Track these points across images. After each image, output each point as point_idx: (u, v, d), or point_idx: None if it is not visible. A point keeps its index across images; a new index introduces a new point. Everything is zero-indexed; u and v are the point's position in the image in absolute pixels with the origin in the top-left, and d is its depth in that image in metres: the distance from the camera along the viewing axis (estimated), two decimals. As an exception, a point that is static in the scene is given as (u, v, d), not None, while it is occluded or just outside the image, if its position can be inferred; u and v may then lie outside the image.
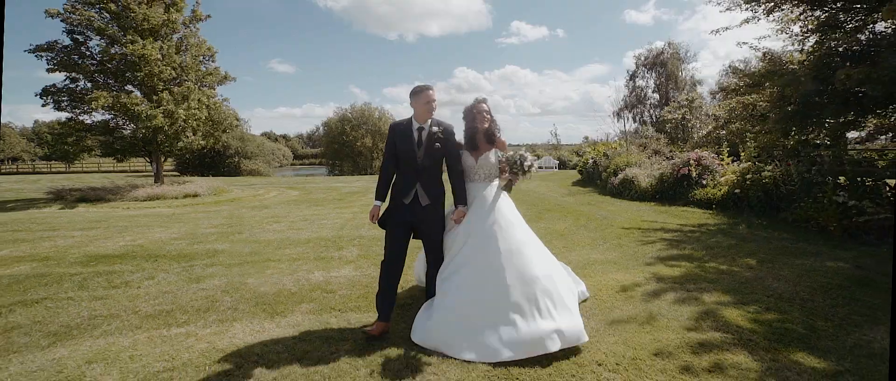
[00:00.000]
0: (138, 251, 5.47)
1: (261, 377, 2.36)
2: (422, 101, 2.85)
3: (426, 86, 2.89)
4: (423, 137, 2.89)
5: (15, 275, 4.39)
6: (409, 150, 2.87)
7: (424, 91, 2.86)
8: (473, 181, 3.05)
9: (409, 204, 2.88)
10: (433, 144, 2.89)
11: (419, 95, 2.86)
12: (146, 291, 3.89)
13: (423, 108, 2.87)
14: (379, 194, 2.96)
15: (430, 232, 2.96)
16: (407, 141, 2.88)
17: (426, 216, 2.91)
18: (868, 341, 2.69)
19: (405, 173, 2.92)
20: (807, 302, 3.38)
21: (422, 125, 2.90)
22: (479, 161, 3.01)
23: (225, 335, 2.93)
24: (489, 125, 3.04)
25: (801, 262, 4.50)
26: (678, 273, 4.22)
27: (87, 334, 2.97)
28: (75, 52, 12.16)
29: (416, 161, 2.88)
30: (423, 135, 2.89)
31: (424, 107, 2.86)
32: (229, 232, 6.84)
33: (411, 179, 2.89)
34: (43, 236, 6.61)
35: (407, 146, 2.87)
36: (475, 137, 3.03)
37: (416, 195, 2.89)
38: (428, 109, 2.87)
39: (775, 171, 7.38)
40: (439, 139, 2.90)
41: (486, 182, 3.04)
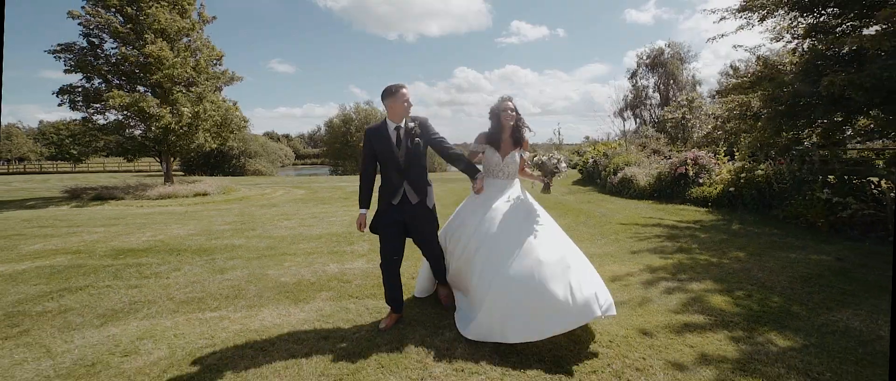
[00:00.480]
0: (161, 246, 5.79)
1: (293, 351, 2.67)
2: (399, 100, 2.82)
3: (401, 85, 2.85)
4: (400, 135, 2.87)
5: (54, 266, 4.72)
6: (388, 151, 2.86)
7: (400, 91, 2.82)
8: (498, 178, 3.08)
9: (398, 204, 2.89)
10: (412, 140, 2.88)
11: (396, 94, 2.82)
12: (175, 281, 4.20)
13: (401, 107, 2.83)
14: (363, 202, 2.96)
15: (423, 229, 2.98)
16: (385, 142, 2.86)
17: (416, 213, 2.93)
18: (835, 321, 2.98)
19: (389, 175, 2.91)
20: (786, 290, 3.67)
21: (397, 124, 2.88)
22: (506, 160, 3.04)
23: (255, 318, 3.24)
24: (516, 124, 3.06)
25: (787, 255, 4.79)
26: (670, 265, 4.51)
27: (132, 316, 3.29)
28: (91, 53, 12.51)
29: (399, 160, 2.87)
30: (400, 133, 2.87)
31: (402, 106, 2.83)
32: (243, 229, 7.15)
33: (397, 179, 2.89)
34: (69, 231, 6.95)
35: (386, 147, 2.86)
36: (501, 135, 3.05)
37: (405, 194, 2.90)
38: (405, 108, 2.85)
39: (768, 170, 7.66)
40: (416, 134, 2.89)
41: (510, 180, 3.10)
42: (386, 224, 2.93)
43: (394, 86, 2.85)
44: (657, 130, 25.15)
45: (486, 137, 3.09)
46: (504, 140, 3.05)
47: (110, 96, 11.41)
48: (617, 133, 23.93)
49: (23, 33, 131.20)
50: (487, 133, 3.10)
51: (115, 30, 12.39)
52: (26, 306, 3.50)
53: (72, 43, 12.34)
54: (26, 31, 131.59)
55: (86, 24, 12.22)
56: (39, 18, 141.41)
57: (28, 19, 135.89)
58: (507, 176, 3.08)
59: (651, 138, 21.50)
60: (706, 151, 10.81)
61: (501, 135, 3.04)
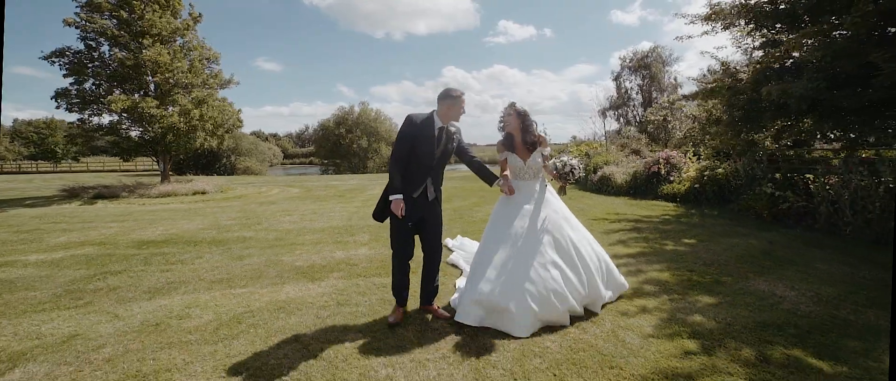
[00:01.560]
0: (177, 238, 6.33)
1: (318, 314, 3.30)
2: (458, 105, 3.00)
3: (462, 92, 3.04)
4: (442, 136, 3.02)
5: (86, 255, 5.25)
6: (428, 146, 2.97)
7: (462, 97, 3.02)
8: (524, 179, 3.30)
9: (417, 198, 3.00)
10: (450, 143, 3.07)
11: (457, 99, 2.99)
12: (201, 266, 4.78)
13: (458, 112, 3.03)
14: (398, 188, 2.94)
15: (433, 225, 3.12)
16: (428, 136, 2.97)
17: (431, 210, 3.08)
18: (748, 286, 3.75)
19: (417, 168, 3.00)
20: (722, 266, 4.44)
21: (443, 125, 3.03)
22: (528, 162, 3.26)
23: (280, 292, 3.86)
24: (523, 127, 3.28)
25: (731, 240, 5.59)
26: (632, 251, 5.25)
27: (173, 292, 3.87)
28: (87, 57, 12.79)
29: (433, 158, 3.00)
30: (442, 133, 3.03)
31: (459, 111, 3.03)
32: (249, 223, 7.70)
33: (423, 174, 3.00)
34: (84, 226, 7.40)
35: (426, 143, 2.96)
36: (513, 140, 3.31)
37: (425, 189, 3.03)
38: (459, 114, 3.05)
39: (727, 168, 8.53)
40: (455, 138, 3.12)
41: (535, 179, 3.32)
42: (402, 222, 3.00)
43: (457, 90, 3.01)
44: (639, 130, 26.28)
45: (503, 145, 3.36)
46: (518, 145, 3.30)
47: (111, 101, 11.75)
48: (602, 133, 24.93)
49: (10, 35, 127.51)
50: (503, 141, 3.37)
51: (111, 34, 12.71)
52: (79, 285, 4.05)
53: (65, 47, 12.59)
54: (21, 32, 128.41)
55: (83, 29, 12.50)
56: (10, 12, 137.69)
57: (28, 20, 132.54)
58: (532, 176, 3.31)
59: (632, 139, 22.51)
60: (679, 151, 11.71)
61: (513, 140, 3.30)
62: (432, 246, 3.17)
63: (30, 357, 2.61)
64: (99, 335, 2.95)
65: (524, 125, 3.27)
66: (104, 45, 12.97)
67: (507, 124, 3.30)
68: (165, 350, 2.70)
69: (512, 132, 3.29)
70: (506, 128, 3.32)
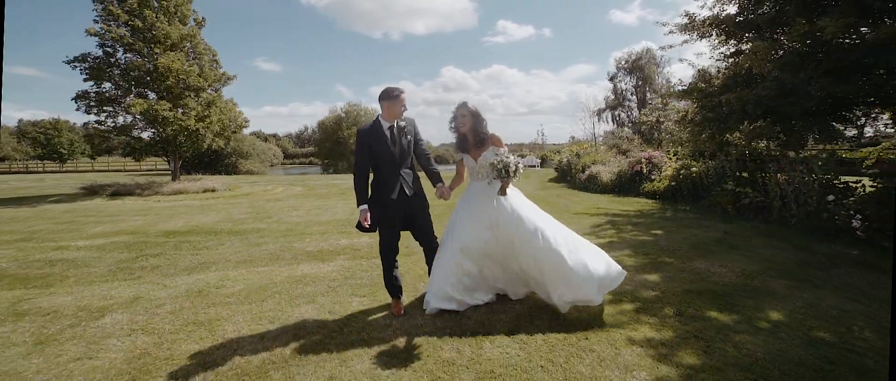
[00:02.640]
0: (198, 229, 7.05)
1: (330, 284, 4.02)
2: (398, 104, 3.05)
3: (401, 90, 3.07)
4: (394, 133, 3.08)
5: (123, 241, 5.98)
6: (384, 148, 3.03)
7: (401, 95, 3.06)
8: (479, 180, 3.25)
9: (397, 198, 3.06)
10: (405, 137, 3.12)
11: (396, 98, 3.04)
12: (225, 251, 5.50)
13: (399, 110, 3.06)
14: (362, 199, 3.05)
15: (420, 220, 3.20)
16: (381, 140, 3.04)
17: (415, 204, 3.15)
18: (692, 266, 4.45)
19: (385, 172, 3.07)
20: (676, 252, 5.14)
21: (391, 123, 3.09)
22: (479, 161, 3.20)
23: (296, 270, 4.57)
24: (473, 127, 3.19)
25: (693, 231, 6.31)
26: (604, 241, 5.95)
27: (206, 270, 4.59)
28: (105, 63, 13.54)
29: (394, 156, 3.06)
30: (394, 131, 3.08)
31: (400, 109, 3.07)
32: (260, 217, 8.43)
33: (393, 175, 3.07)
34: (112, 219, 8.14)
35: (381, 145, 3.03)
36: (466, 141, 3.23)
37: (402, 188, 3.09)
38: (401, 110, 3.09)
39: (700, 167, 9.25)
40: (408, 131, 3.15)
41: (489, 179, 3.20)
42: (387, 221, 3.08)
43: (395, 89, 3.05)
44: (634, 131, 27.02)
45: (458, 147, 3.33)
46: (470, 145, 3.23)
47: (131, 104, 12.49)
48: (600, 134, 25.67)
49: None
50: (457, 142, 3.33)
51: (126, 42, 13.46)
52: (126, 264, 4.78)
53: (87, 53, 13.36)
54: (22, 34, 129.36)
55: (101, 37, 13.25)
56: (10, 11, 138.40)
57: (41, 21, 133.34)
58: (485, 176, 3.23)
59: (624, 139, 23.23)
60: (661, 151, 12.42)
61: (466, 141, 3.24)
62: (427, 239, 3.26)
63: (110, 310, 3.34)
64: (156, 297, 3.67)
65: (476, 124, 3.18)
66: (120, 52, 13.71)
67: (461, 125, 3.21)
68: (211, 308, 3.42)
69: (465, 133, 3.21)
70: (460, 129, 3.24)
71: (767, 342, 2.68)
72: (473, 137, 3.21)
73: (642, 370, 2.39)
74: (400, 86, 3.09)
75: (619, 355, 2.58)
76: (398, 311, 3.23)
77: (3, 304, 3.54)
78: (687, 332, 2.87)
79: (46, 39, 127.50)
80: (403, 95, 3.09)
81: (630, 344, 2.71)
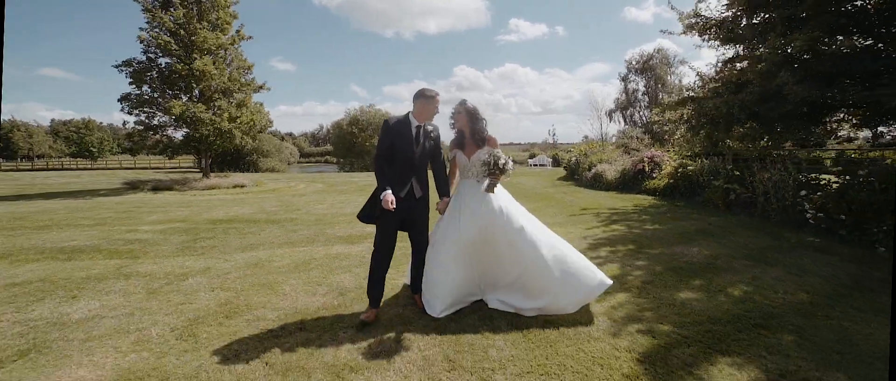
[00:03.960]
0: (239, 219, 7.99)
1: (360, 261, 4.83)
2: (431, 105, 3.09)
3: (436, 92, 3.12)
4: (420, 134, 3.11)
5: (179, 227, 6.94)
6: (407, 145, 3.05)
7: (435, 98, 3.11)
8: (469, 178, 3.27)
9: (404, 197, 3.07)
10: (428, 142, 3.15)
11: (431, 99, 3.08)
12: (266, 236, 6.38)
13: (432, 111, 3.10)
14: (386, 183, 3.01)
15: (420, 223, 3.19)
16: (405, 137, 3.05)
17: (418, 207, 3.16)
18: (672, 251, 5.13)
19: (401, 168, 3.07)
20: (662, 241, 5.82)
21: (420, 124, 3.12)
22: (472, 160, 3.23)
23: (331, 249, 5.42)
24: (472, 125, 3.23)
25: (681, 224, 6.96)
26: (600, 233, 6.65)
27: (255, 249, 5.48)
28: (147, 67, 14.74)
29: (414, 157, 3.07)
30: (421, 132, 3.11)
31: (433, 111, 3.11)
32: (289, 209, 9.35)
33: (407, 174, 3.08)
34: (162, 210, 9.16)
35: (405, 142, 3.05)
36: (463, 138, 3.27)
37: (412, 188, 3.10)
38: (433, 112, 3.13)
39: (696, 166, 9.84)
40: (433, 136, 3.18)
41: (479, 177, 3.24)
42: (388, 219, 3.08)
43: (430, 90, 3.12)
44: (644, 131, 27.37)
45: (454, 143, 3.35)
46: (467, 142, 3.27)
47: (171, 106, 13.63)
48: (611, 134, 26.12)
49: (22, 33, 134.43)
50: (453, 139, 3.36)
51: (169, 48, 14.62)
52: (188, 244, 5.71)
53: (132, 59, 14.57)
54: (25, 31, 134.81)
55: (146, 43, 14.44)
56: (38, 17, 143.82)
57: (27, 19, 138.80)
58: (476, 175, 3.25)
59: (634, 139, 23.66)
60: (663, 150, 12.98)
61: (463, 138, 3.28)
62: (420, 243, 3.25)
63: (191, 275, 4.24)
64: (222, 267, 4.56)
65: (472, 123, 3.24)
66: (162, 57, 14.89)
67: (457, 122, 3.29)
68: (269, 275, 4.28)
69: (462, 130, 3.28)
70: (456, 125, 3.31)
71: (710, 302, 3.40)
72: (471, 135, 3.24)
73: (606, 321, 3.14)
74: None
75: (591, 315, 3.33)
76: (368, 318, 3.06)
77: (111, 269, 4.47)
78: (656, 300, 3.60)
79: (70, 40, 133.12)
80: (438, 98, 3.13)
81: (598, 306, 3.45)
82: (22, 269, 4.52)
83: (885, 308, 3.13)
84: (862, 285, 3.64)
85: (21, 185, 18.93)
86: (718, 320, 3.04)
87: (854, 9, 6.16)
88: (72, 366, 2.50)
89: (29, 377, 2.39)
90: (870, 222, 4.82)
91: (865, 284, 3.68)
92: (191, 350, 2.68)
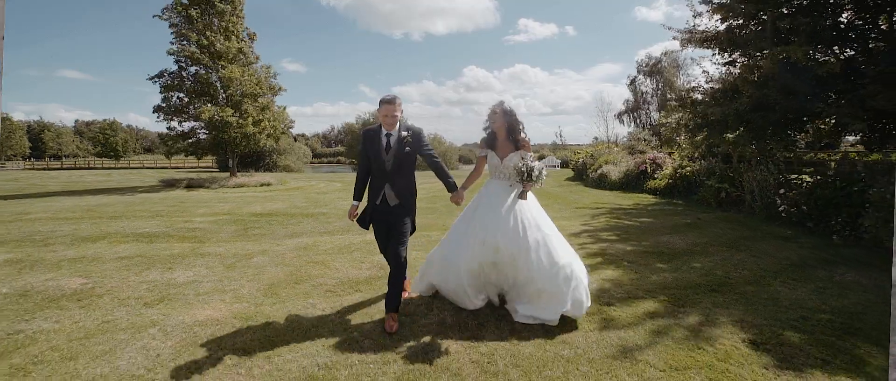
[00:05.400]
0: (276, 213, 8.96)
1: (391, 245, 5.73)
2: (381, 113, 3.07)
3: (390, 99, 3.05)
4: (390, 142, 3.09)
5: (227, 219, 7.93)
6: (377, 154, 3.09)
7: (392, 103, 3.05)
8: (497, 179, 3.23)
9: (379, 204, 3.15)
10: (403, 149, 3.09)
11: (387, 105, 3.05)
12: (305, 226, 7.31)
13: (391, 116, 3.05)
14: (356, 195, 3.23)
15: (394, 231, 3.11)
16: (376, 146, 3.10)
17: (394, 214, 3.13)
18: (659, 241, 5.92)
19: (376, 177, 3.15)
20: (651, 232, 6.60)
21: (389, 132, 3.09)
22: (505, 162, 3.18)
23: (366, 237, 6.28)
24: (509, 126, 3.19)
25: (673, 218, 7.72)
26: (599, 225, 7.46)
27: (300, 237, 6.40)
28: (177, 77, 15.95)
29: (385, 165, 3.09)
30: (390, 140, 3.09)
31: (385, 119, 3.06)
32: (318, 205, 10.30)
33: (381, 182, 3.13)
34: (206, 204, 10.20)
35: (376, 151, 3.09)
36: (495, 139, 3.24)
37: (385, 196, 3.13)
38: (389, 122, 3.06)
39: (693, 167, 10.55)
40: (409, 143, 3.11)
41: (510, 181, 3.18)
42: (374, 222, 3.23)
43: (387, 97, 3.07)
44: (652, 133, 27.92)
45: (485, 143, 3.32)
46: (500, 143, 3.23)
47: (201, 111, 14.78)
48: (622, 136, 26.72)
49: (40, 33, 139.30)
50: (485, 138, 3.32)
51: (196, 58, 15.79)
52: (240, 232, 6.67)
53: (163, 69, 15.87)
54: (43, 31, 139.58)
55: (176, 55, 15.64)
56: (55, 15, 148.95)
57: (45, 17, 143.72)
58: (506, 177, 3.20)
59: (641, 141, 24.26)
60: (664, 152, 13.67)
61: (496, 139, 3.25)
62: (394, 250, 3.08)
63: (254, 256, 5.17)
64: (277, 250, 5.49)
65: (509, 124, 3.20)
66: (191, 67, 16.08)
67: (493, 122, 3.25)
68: (318, 256, 5.19)
69: (496, 130, 3.27)
70: (492, 126, 3.27)
71: (679, 275, 4.21)
72: (507, 136, 3.21)
73: (597, 288, 3.98)
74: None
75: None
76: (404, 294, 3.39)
77: (187, 250, 5.44)
78: (637, 272, 4.42)
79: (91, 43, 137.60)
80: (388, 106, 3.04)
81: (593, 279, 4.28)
82: (120, 248, 5.52)
83: (815, 279, 3.92)
84: (805, 264, 4.42)
85: (65, 182, 20.38)
86: (683, 286, 3.86)
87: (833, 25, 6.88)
88: (198, 308, 3.43)
89: (173, 313, 3.32)
90: (830, 215, 5.55)
91: (809, 263, 4.45)
92: (277, 303, 3.59)
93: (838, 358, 2.55)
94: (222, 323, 3.15)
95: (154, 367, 2.53)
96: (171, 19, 15.83)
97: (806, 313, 3.19)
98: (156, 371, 2.49)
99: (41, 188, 16.68)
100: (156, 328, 3.06)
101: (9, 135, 44.93)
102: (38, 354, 2.69)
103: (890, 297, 1.63)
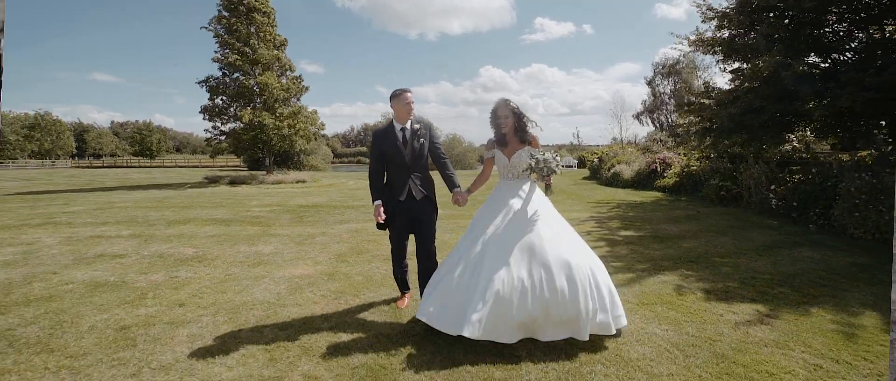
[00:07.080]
0: (319, 205, 10.16)
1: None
2: (401, 102, 3.09)
3: (405, 89, 3.11)
4: (406, 136, 3.11)
5: (279, 209, 9.16)
6: (394, 149, 3.09)
7: (403, 94, 3.09)
8: (507, 179, 3.12)
9: (404, 200, 3.13)
10: (417, 140, 3.13)
11: (399, 97, 3.09)
12: (350, 215, 8.44)
13: (404, 109, 3.09)
14: (376, 195, 3.16)
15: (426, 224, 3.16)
16: (391, 142, 3.10)
17: (422, 209, 3.17)
18: (658, 228, 6.81)
19: (396, 173, 3.15)
20: (653, 222, 7.48)
21: (403, 125, 3.13)
22: (512, 160, 3.07)
23: (401, 224, 7.40)
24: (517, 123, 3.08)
25: (675, 212, 8.56)
26: (605, 215, 8.38)
27: (348, 223, 7.52)
28: (221, 82, 17.50)
29: (405, 159, 3.10)
30: (406, 134, 3.12)
31: (404, 108, 3.08)
32: (354, 198, 11.48)
33: (403, 177, 3.13)
34: (255, 197, 11.52)
35: (392, 146, 3.10)
36: (503, 138, 3.12)
37: (410, 190, 3.13)
38: (407, 110, 3.09)
39: (699, 166, 11.29)
40: (421, 135, 3.15)
41: (520, 180, 3.09)
42: (396, 223, 3.18)
43: (399, 90, 3.11)
44: (669, 134, 28.30)
45: (491, 143, 3.18)
46: (508, 141, 3.12)
47: (242, 115, 16.25)
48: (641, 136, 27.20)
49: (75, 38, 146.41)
50: (491, 139, 3.18)
51: (237, 65, 17.29)
52: (296, 219, 7.85)
53: (209, 76, 17.46)
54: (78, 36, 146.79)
55: (220, 62, 17.19)
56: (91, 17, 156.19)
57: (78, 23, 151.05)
58: (516, 176, 3.10)
59: (657, 141, 24.76)
60: (675, 152, 14.36)
61: (504, 136, 3.12)
62: (425, 247, 3.16)
63: (317, 237, 6.31)
64: (334, 232, 6.62)
65: (518, 121, 3.09)
66: (234, 73, 17.61)
67: (500, 120, 3.10)
68: (370, 236, 6.28)
69: (503, 129, 3.12)
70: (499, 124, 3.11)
71: (667, 252, 5.13)
72: (514, 133, 3.10)
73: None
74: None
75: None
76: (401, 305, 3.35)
77: (259, 232, 6.63)
78: (633, 249, 5.37)
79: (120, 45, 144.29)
80: (408, 94, 3.10)
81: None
82: (206, 229, 6.77)
83: (778, 256, 4.81)
84: (776, 246, 5.27)
85: (119, 179, 22.38)
86: (667, 260, 4.79)
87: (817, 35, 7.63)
88: (290, 269, 4.56)
89: (274, 271, 4.45)
90: (810, 207, 6.35)
91: (779, 245, 5.31)
92: (350, 265, 4.69)
93: (762, 298, 3.50)
94: (313, 277, 4.27)
95: (278, 299, 3.65)
96: (216, 30, 17.39)
97: (755, 274, 4.11)
98: (283, 300, 3.61)
99: (101, 184, 18.50)
100: (267, 279, 4.20)
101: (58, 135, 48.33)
102: (195, 291, 3.86)
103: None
